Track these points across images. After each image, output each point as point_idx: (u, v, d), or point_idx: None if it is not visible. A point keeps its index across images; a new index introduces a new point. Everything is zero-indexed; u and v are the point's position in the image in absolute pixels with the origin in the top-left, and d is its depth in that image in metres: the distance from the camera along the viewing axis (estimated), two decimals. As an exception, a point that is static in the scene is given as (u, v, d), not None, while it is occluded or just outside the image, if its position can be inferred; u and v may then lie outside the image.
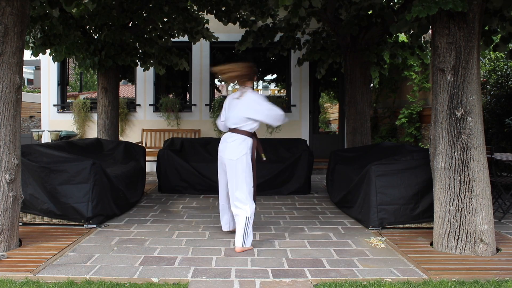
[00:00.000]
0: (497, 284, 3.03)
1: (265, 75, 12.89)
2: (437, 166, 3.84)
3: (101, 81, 7.05)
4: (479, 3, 3.69)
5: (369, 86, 7.27)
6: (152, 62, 7.54)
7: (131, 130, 9.65)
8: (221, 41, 8.47)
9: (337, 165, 5.97)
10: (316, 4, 5.19)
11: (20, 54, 3.71)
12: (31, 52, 6.32)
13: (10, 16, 3.56)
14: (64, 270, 3.21)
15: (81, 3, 5.86)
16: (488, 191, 3.75)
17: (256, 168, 3.93)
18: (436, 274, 3.22)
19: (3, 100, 3.57)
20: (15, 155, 3.66)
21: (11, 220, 3.63)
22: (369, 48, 6.49)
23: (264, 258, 3.56)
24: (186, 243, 3.95)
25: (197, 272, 3.22)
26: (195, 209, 5.47)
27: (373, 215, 4.44)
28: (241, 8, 6.91)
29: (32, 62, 18.31)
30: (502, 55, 8.03)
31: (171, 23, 7.11)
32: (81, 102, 9.53)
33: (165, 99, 9.46)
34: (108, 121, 7.10)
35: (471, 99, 3.70)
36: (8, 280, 3.00)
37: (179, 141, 7.13)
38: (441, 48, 3.77)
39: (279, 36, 7.67)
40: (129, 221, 4.78)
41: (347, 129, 6.98)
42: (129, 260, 3.47)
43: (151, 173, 8.73)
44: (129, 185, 5.42)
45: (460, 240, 3.70)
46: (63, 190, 4.39)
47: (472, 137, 3.69)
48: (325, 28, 7.55)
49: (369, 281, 3.09)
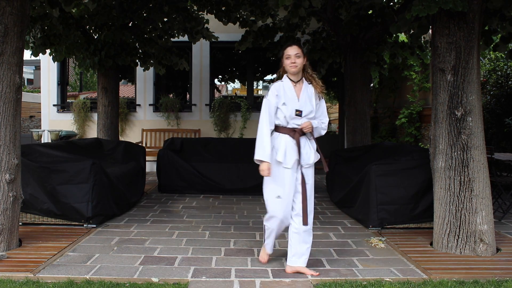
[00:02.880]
0: (497, 284, 3.03)
1: (265, 75, 12.89)
2: (437, 166, 3.84)
3: (101, 81, 7.05)
4: (479, 3, 3.69)
5: (369, 86, 7.28)
6: (152, 62, 7.54)
7: (131, 130, 9.65)
8: (221, 41, 8.46)
9: (337, 165, 5.97)
10: (316, 4, 5.19)
11: (20, 54, 3.71)
12: (31, 52, 6.33)
13: (10, 16, 3.56)
14: (64, 270, 3.21)
15: (81, 3, 5.87)
16: (488, 191, 3.74)
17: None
18: (436, 274, 3.22)
19: (3, 100, 3.57)
20: (15, 155, 3.66)
21: (11, 220, 3.63)
22: (369, 48, 6.49)
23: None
24: (186, 243, 3.95)
25: (197, 272, 3.22)
26: (195, 209, 5.47)
27: (373, 215, 4.44)
28: (241, 8, 6.90)
29: (32, 62, 18.32)
30: (502, 55, 8.03)
31: (171, 23, 7.11)
32: (81, 102, 9.53)
33: (165, 99, 9.46)
34: (108, 121, 7.10)
35: (471, 99, 3.70)
36: (8, 280, 3.00)
37: (179, 141, 7.13)
38: (441, 48, 3.77)
39: (279, 36, 7.67)
40: (129, 221, 4.78)
41: (347, 129, 6.98)
42: (129, 260, 3.47)
43: (151, 173, 8.73)
44: (129, 185, 5.42)
45: (460, 240, 3.70)
46: (63, 190, 4.39)
47: (472, 137, 3.69)
48: (325, 28, 7.55)
49: (369, 281, 3.08)
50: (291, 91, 3.20)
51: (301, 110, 3.17)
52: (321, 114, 3.28)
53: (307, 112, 3.19)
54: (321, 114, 3.28)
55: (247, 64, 10.20)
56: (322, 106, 3.28)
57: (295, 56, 3.17)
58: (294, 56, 3.17)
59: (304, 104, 3.19)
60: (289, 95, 3.19)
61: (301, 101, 3.18)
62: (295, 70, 3.19)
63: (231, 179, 6.47)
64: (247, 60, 10.16)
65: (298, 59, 3.17)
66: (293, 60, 3.17)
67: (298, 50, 3.18)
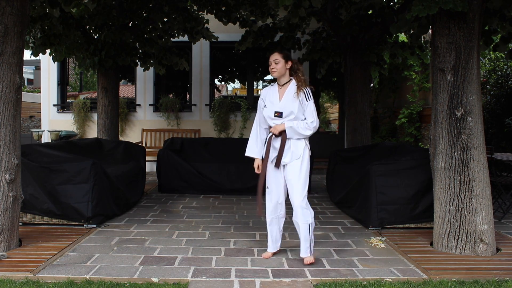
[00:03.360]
0: (497, 284, 3.03)
1: (265, 75, 12.89)
2: (437, 166, 3.84)
3: (101, 81, 7.05)
4: (479, 3, 3.69)
5: (369, 86, 7.28)
6: (152, 62, 7.54)
7: (131, 130, 9.65)
8: (221, 41, 8.47)
9: (337, 165, 5.97)
10: (316, 4, 5.19)
11: (20, 54, 3.71)
12: (31, 52, 6.32)
13: (10, 16, 3.56)
14: (64, 270, 3.21)
15: (81, 3, 5.87)
16: (488, 191, 3.74)
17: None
18: (436, 274, 3.22)
19: (3, 100, 3.57)
20: (15, 155, 3.66)
21: (11, 220, 3.63)
22: (369, 48, 6.49)
23: (264, 258, 3.55)
24: (186, 243, 3.95)
25: (197, 272, 3.22)
26: (195, 209, 5.47)
27: (373, 215, 4.44)
28: (241, 8, 6.91)
29: (32, 62, 18.32)
30: (502, 55, 8.03)
31: (171, 23, 7.11)
32: (81, 102, 9.53)
33: (165, 99, 9.46)
34: (108, 121, 7.10)
35: (471, 99, 3.70)
36: (8, 280, 3.00)
37: (179, 141, 7.13)
38: (441, 48, 3.77)
39: (279, 36, 7.67)
40: (129, 221, 4.78)
41: (347, 129, 6.98)
42: (129, 260, 3.47)
43: (151, 173, 8.73)
44: (129, 185, 5.42)
45: (460, 240, 3.70)
46: (63, 190, 4.39)
47: (472, 137, 3.69)
48: (325, 28, 7.55)
49: (369, 281, 3.09)
50: (275, 93, 3.47)
51: (281, 112, 3.39)
52: (308, 114, 3.41)
53: (288, 113, 3.39)
54: (308, 115, 3.41)
55: (247, 64, 10.20)
56: (309, 107, 3.41)
57: (274, 62, 3.43)
58: (273, 62, 3.44)
59: (284, 105, 3.41)
60: (272, 98, 3.46)
61: (282, 103, 3.41)
62: (275, 75, 3.46)
63: (231, 179, 6.47)
64: (247, 60, 10.16)
65: (276, 64, 3.42)
66: (272, 66, 3.45)
67: (277, 56, 3.43)
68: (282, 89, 3.47)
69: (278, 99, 3.44)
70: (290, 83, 3.46)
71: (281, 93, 3.46)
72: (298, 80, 3.42)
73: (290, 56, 3.50)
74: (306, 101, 3.38)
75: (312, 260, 3.42)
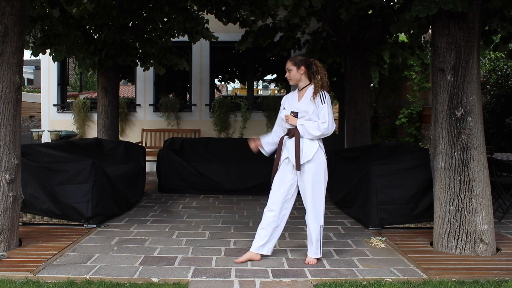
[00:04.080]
0: (497, 284, 3.03)
1: (265, 75, 12.90)
2: (437, 166, 3.84)
3: (101, 81, 7.05)
4: (479, 3, 3.69)
5: (369, 86, 7.28)
6: (152, 62, 7.54)
7: (131, 130, 9.65)
8: (221, 41, 8.46)
9: (337, 165, 5.97)
10: (316, 4, 5.19)
11: (20, 54, 3.71)
12: (31, 52, 6.32)
13: (10, 16, 3.56)
14: (64, 270, 3.21)
15: (81, 3, 5.87)
16: (488, 191, 3.74)
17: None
18: (436, 274, 3.22)
19: (3, 100, 3.57)
20: (15, 155, 3.66)
21: (11, 220, 3.63)
22: (369, 48, 6.49)
23: (264, 258, 3.55)
24: (186, 243, 3.95)
25: (197, 272, 3.22)
26: (195, 209, 5.47)
27: (373, 215, 4.44)
28: (241, 8, 6.90)
29: (32, 62, 18.30)
30: (502, 55, 8.03)
31: (171, 23, 7.10)
32: (81, 102, 9.53)
33: (165, 99, 9.46)
34: (108, 121, 7.10)
35: (471, 99, 3.70)
36: (8, 280, 3.00)
37: (179, 141, 7.13)
38: (441, 48, 3.77)
39: (279, 36, 7.67)
40: (129, 221, 4.78)
41: (347, 129, 6.98)
42: (129, 260, 3.47)
43: (151, 173, 8.73)
44: (129, 185, 5.41)
45: (460, 240, 3.70)
46: (63, 190, 4.39)
47: (472, 137, 3.69)
48: (325, 28, 7.55)
49: (369, 281, 3.09)
50: (295, 97, 3.58)
51: (297, 112, 3.48)
52: (321, 116, 3.45)
53: (302, 112, 3.47)
54: (321, 117, 3.45)
55: (247, 64, 10.20)
56: (323, 110, 3.45)
57: (287, 71, 3.58)
58: (287, 71, 3.59)
59: (301, 106, 3.49)
60: (291, 101, 3.57)
61: (299, 104, 3.51)
62: (291, 83, 3.61)
63: (231, 179, 6.47)
64: (247, 60, 10.16)
65: (289, 73, 3.55)
66: (286, 75, 3.61)
67: (288, 64, 3.57)
68: (301, 93, 3.56)
69: (297, 101, 3.54)
70: (308, 87, 3.52)
71: (299, 96, 3.56)
72: (315, 84, 3.48)
73: (303, 61, 3.52)
74: (322, 104, 3.45)
75: (314, 261, 3.44)
